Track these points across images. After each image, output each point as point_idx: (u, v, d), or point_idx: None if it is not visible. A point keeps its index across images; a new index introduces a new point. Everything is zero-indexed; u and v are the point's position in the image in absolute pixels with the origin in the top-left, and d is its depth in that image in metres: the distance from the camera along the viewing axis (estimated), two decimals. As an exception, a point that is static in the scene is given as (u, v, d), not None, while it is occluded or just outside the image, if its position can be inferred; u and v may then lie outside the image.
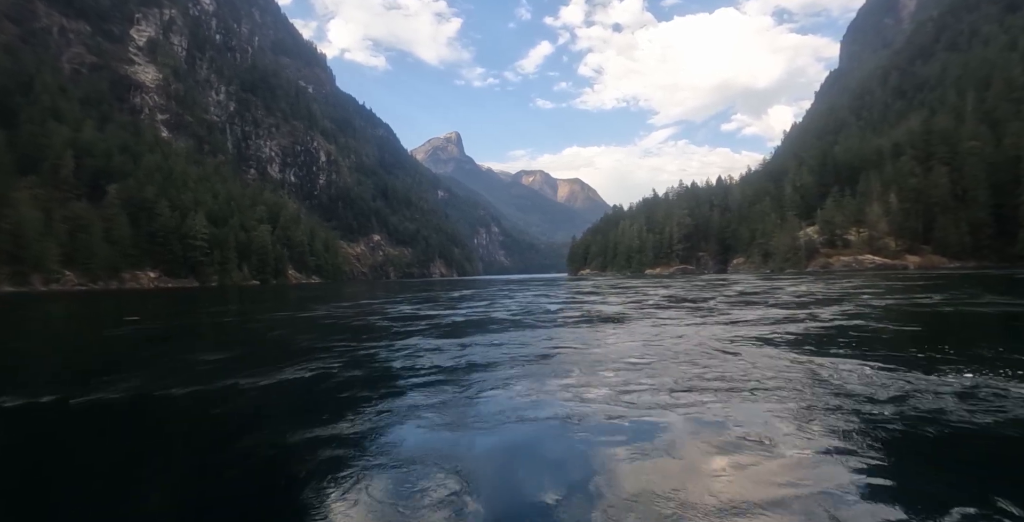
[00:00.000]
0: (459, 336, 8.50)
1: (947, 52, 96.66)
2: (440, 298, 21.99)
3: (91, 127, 79.80)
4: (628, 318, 10.53)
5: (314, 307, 17.74)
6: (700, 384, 4.43)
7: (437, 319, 11.55)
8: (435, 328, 9.66)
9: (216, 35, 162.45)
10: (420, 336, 8.58)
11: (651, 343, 6.94)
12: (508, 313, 12.71)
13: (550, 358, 6.11)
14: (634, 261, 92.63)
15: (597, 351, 6.50)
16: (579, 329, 9.10)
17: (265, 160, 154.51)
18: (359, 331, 9.95)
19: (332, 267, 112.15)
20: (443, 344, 7.51)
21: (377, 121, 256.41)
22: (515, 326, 9.70)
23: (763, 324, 8.85)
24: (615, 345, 6.95)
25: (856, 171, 63.80)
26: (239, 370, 5.69)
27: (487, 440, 3.22)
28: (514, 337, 8.15)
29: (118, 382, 5.14)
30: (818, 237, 60.53)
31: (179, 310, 18.78)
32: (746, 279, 35.91)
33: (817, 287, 21.61)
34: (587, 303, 16.03)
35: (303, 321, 12.49)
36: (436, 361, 6.03)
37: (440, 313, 13.28)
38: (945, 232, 54.23)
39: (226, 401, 4.47)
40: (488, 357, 6.25)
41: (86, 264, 61.33)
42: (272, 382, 5.06)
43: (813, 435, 3.06)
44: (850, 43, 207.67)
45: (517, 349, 6.84)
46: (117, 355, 7.87)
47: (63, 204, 65.52)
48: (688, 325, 8.97)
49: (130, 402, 4.43)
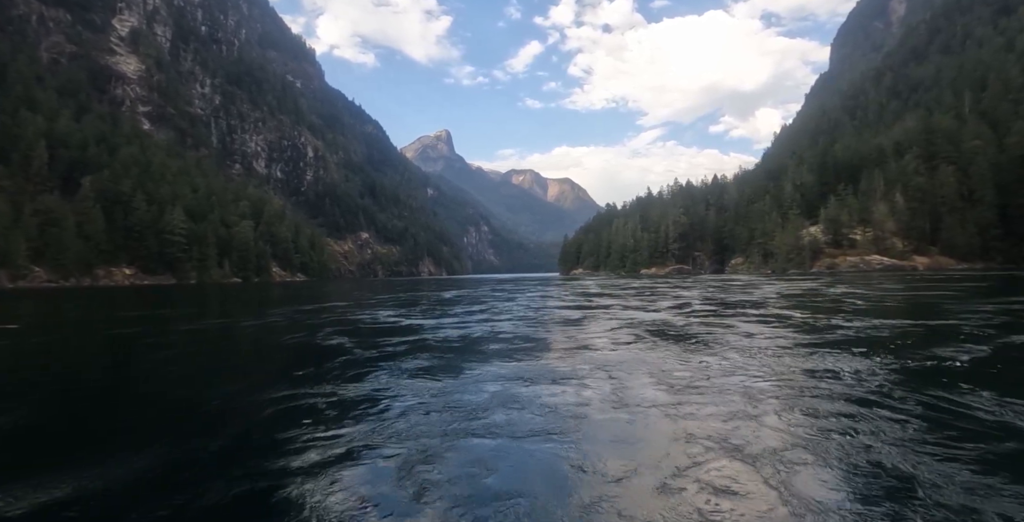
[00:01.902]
0: (457, 373, 5.12)
1: (941, 54, 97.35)
2: (428, 300, 18.95)
3: (67, 118, 76.64)
4: (702, 333, 7.39)
5: (272, 312, 14.62)
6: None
7: (423, 334, 8.28)
8: (418, 352, 6.34)
9: (202, 26, 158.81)
10: (390, 372, 5.16)
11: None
12: (520, 324, 9.60)
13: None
14: (628, 261, 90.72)
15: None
16: (662, 358, 5.51)
17: (251, 155, 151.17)
18: (299, 357, 6.63)
19: (318, 265, 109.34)
20: (429, 394, 4.17)
21: (366, 117, 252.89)
22: (543, 351, 6.40)
23: (923, 340, 6.66)
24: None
25: (856, 170, 62.39)
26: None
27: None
28: (558, 379, 4.65)
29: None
30: (822, 237, 58.90)
31: (91, 315, 14.87)
32: (759, 280, 34.15)
33: (854, 289, 19.76)
34: (612, 308, 13.26)
35: (234, 335, 9.48)
36: (412, 461, 2.72)
37: (427, 324, 10.00)
38: (952, 232, 52.77)
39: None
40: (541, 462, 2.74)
41: (57, 260, 58.35)
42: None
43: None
44: (840, 46, 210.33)
45: (598, 432, 3.19)
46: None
47: (34, 197, 62.53)
48: (827, 346, 5.96)
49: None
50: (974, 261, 51.38)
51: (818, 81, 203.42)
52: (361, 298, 21.29)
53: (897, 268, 51.79)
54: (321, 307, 16.26)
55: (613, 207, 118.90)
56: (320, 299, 21.41)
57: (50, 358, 6.95)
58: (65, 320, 13.68)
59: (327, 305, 17.26)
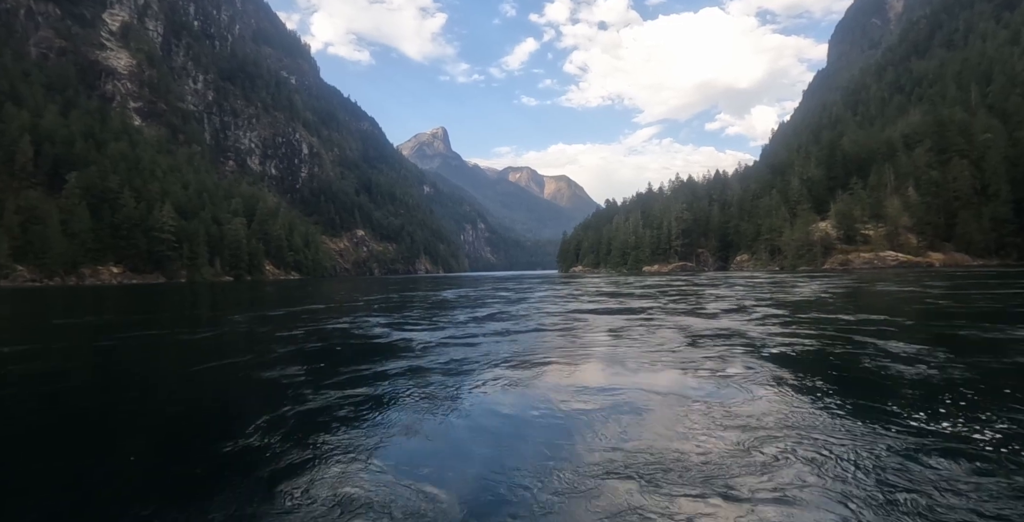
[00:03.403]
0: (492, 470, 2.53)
1: (943, 49, 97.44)
2: (426, 303, 15.99)
3: (54, 113, 74.58)
4: (848, 361, 5.00)
5: (233, 319, 12.04)
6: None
7: (419, 360, 5.63)
8: (411, 400, 3.86)
9: (194, 21, 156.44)
10: (367, 431, 3.13)
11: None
12: (553, 340, 7.02)
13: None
14: (630, 258, 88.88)
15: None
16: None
17: (244, 152, 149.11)
18: (181, 427, 3.48)
19: (312, 263, 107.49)
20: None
21: (362, 114, 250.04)
22: (632, 406, 3.57)
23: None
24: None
25: (865, 164, 60.66)
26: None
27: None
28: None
29: None
30: (834, 232, 57.14)
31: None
32: (780, 278, 32.54)
33: (903, 287, 18.25)
34: (652, 312, 10.85)
35: (155, 356, 6.81)
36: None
37: (425, 340, 7.25)
38: (967, 228, 51.07)
39: None
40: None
41: (40, 258, 56.43)
42: None
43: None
44: (838, 43, 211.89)
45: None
46: None
47: (17, 193, 60.56)
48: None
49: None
50: (989, 258, 49.80)
51: (816, 77, 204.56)
52: (348, 299, 19.26)
53: (913, 265, 50.05)
54: (295, 311, 13.94)
55: (613, 203, 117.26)
56: (301, 300, 19.29)
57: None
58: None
59: (305, 309, 14.96)
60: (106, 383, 5.18)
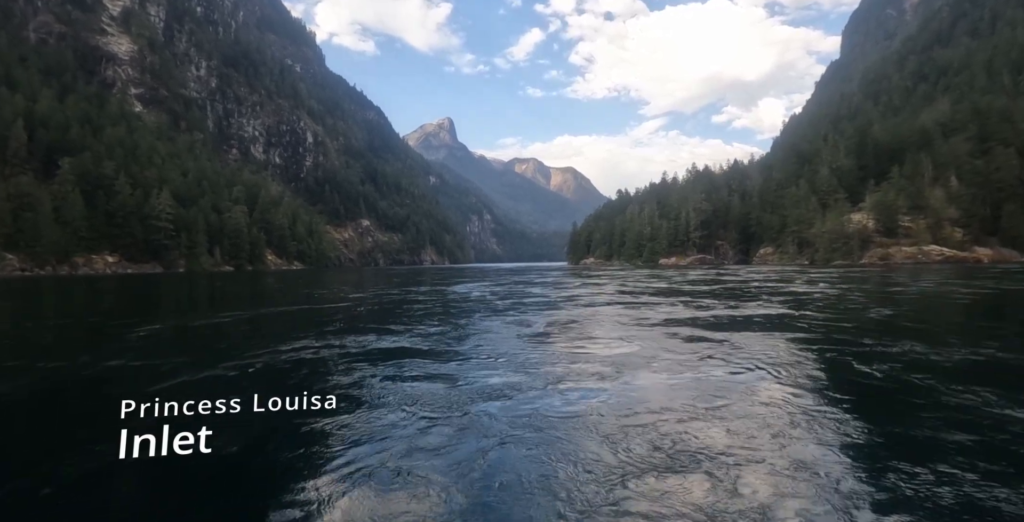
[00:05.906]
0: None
1: (968, 37, 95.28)
2: (433, 302, 12.63)
3: (49, 98, 72.10)
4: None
5: (214, 313, 10.09)
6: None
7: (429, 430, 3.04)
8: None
9: (197, 7, 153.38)
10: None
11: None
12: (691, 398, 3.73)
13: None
14: (645, 250, 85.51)
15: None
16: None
17: (248, 140, 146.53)
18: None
19: (316, 253, 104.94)
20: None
21: (367, 103, 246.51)
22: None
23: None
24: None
25: (897, 153, 57.38)
26: None
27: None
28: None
29: None
30: (871, 224, 53.90)
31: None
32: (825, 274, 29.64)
33: (998, 285, 15.49)
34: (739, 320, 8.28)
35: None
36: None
37: (435, 371, 4.68)
38: (1015, 221, 47.70)
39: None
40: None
41: (31, 246, 54.14)
42: None
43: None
44: (851, 34, 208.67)
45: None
46: None
47: (8, 180, 58.26)
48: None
49: None
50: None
51: (829, 69, 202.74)
52: (352, 291, 16.46)
53: (960, 260, 46.63)
54: (287, 308, 11.27)
55: (626, 194, 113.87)
56: (298, 292, 16.58)
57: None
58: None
59: (302, 308, 12.04)
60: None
